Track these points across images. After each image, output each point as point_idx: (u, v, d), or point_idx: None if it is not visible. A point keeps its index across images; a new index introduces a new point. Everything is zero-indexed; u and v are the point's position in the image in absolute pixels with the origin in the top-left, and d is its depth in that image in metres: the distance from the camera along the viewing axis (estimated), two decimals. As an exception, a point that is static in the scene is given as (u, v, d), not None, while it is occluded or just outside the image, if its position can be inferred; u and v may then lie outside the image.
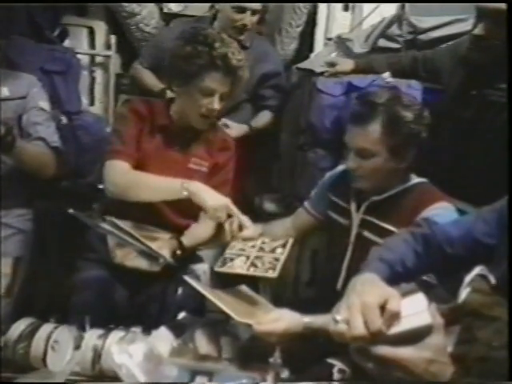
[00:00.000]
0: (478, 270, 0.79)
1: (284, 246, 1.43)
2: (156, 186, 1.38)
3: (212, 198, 1.28)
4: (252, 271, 1.26)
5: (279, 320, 1.14)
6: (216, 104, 1.42)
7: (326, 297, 1.33)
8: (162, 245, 1.44)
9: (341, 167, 1.56)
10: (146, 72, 2.19)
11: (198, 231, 1.52)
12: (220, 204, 1.27)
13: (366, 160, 1.32)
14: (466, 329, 0.75)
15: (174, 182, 1.35)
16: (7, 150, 1.44)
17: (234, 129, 2.05)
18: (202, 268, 1.52)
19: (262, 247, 1.35)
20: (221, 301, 1.19)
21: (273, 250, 1.37)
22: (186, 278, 1.30)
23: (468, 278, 0.78)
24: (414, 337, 0.72)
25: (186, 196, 1.30)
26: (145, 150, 1.47)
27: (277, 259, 1.31)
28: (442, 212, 1.29)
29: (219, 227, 1.37)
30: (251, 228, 1.25)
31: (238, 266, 1.29)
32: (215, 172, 1.54)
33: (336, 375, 0.81)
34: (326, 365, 1.24)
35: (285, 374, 1.20)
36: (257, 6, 2.05)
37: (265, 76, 2.16)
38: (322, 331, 1.16)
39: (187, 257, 1.50)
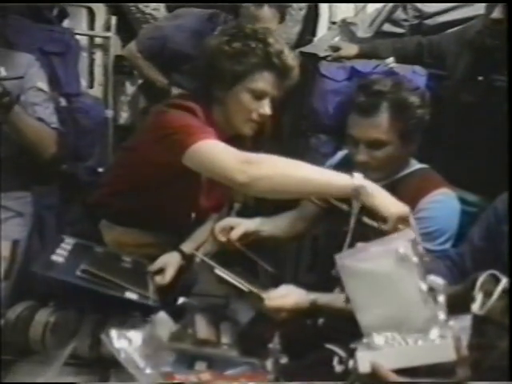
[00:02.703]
0: (487, 273, 0.78)
1: None
2: (314, 178, 1.09)
3: (394, 205, 1.04)
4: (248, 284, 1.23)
5: (288, 295, 1.18)
6: (267, 108, 1.27)
7: (325, 282, 1.33)
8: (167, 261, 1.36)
9: (340, 153, 1.54)
10: (144, 62, 2.16)
11: (198, 235, 1.44)
12: (403, 212, 1.03)
13: (378, 150, 1.29)
14: (481, 334, 0.75)
15: (338, 174, 1.10)
16: (4, 111, 1.40)
17: None
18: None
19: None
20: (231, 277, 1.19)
21: None
22: (196, 252, 1.27)
23: (479, 281, 0.77)
24: (437, 371, 0.73)
25: (355, 195, 1.04)
26: None
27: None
28: (443, 198, 1.28)
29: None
30: None
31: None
32: None
33: (337, 367, 0.81)
34: (324, 350, 1.24)
35: (284, 359, 1.20)
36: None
37: None
38: (326, 308, 1.18)
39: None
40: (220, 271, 1.21)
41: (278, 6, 1.95)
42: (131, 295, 1.14)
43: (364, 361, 0.77)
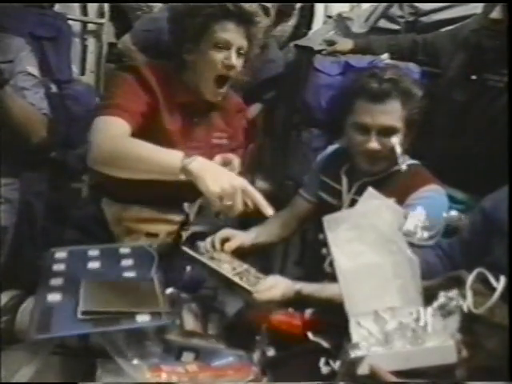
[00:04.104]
0: (476, 272, 0.79)
1: None
2: (149, 160, 1.08)
3: (215, 183, 0.98)
4: (237, 279, 1.23)
5: (275, 286, 1.18)
6: (233, 59, 1.25)
7: (312, 275, 1.35)
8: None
9: (332, 147, 1.55)
10: (139, 54, 2.13)
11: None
12: (226, 189, 0.97)
13: (389, 138, 1.30)
14: (470, 333, 0.76)
15: (172, 157, 1.05)
16: None
17: None
18: (203, 245, 1.40)
19: (247, 269, 1.31)
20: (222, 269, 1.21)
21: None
22: (185, 248, 1.25)
23: (469, 280, 0.78)
24: (435, 372, 0.74)
25: (186, 176, 1.02)
26: (167, 131, 1.28)
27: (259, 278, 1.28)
28: (433, 195, 1.30)
29: None
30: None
31: (225, 268, 1.27)
32: (235, 139, 1.43)
33: (324, 368, 0.81)
34: (310, 342, 1.26)
35: (271, 351, 1.21)
36: None
37: (267, 80, 2.11)
38: (311, 298, 1.20)
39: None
40: (209, 264, 1.22)
41: None
42: (143, 318, 1.01)
43: (363, 362, 0.76)
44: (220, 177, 1.00)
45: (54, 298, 1.04)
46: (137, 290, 1.09)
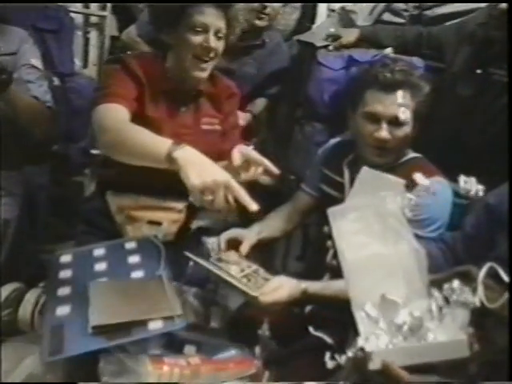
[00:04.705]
0: (487, 266, 0.78)
1: None
2: (141, 146, 1.07)
3: (199, 176, 0.96)
4: (244, 282, 1.19)
5: (280, 288, 1.17)
6: (211, 41, 1.27)
7: (314, 270, 1.34)
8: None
9: (333, 141, 1.54)
10: (143, 46, 2.12)
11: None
12: (207, 183, 0.95)
13: (398, 129, 1.31)
14: (481, 328, 0.75)
15: (160, 144, 1.04)
16: (1, 88, 1.38)
17: (241, 118, 2.01)
18: (211, 242, 1.41)
19: (256, 270, 1.30)
20: (224, 274, 1.19)
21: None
22: (187, 253, 1.24)
23: (481, 274, 0.76)
24: (446, 366, 0.73)
25: (172, 166, 1.01)
26: (152, 119, 1.28)
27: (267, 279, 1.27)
28: (438, 187, 1.29)
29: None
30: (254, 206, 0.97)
31: (233, 270, 1.26)
32: (226, 124, 1.42)
33: (329, 363, 0.80)
34: (311, 337, 1.26)
35: (272, 345, 1.21)
36: None
37: (273, 74, 2.10)
38: (317, 296, 1.19)
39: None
40: (215, 271, 1.20)
41: None
42: (155, 325, 0.98)
43: (375, 357, 0.75)
44: (204, 170, 0.97)
45: (63, 311, 1.01)
46: (146, 293, 1.06)
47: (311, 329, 1.29)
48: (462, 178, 1.22)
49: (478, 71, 1.56)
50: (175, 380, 0.96)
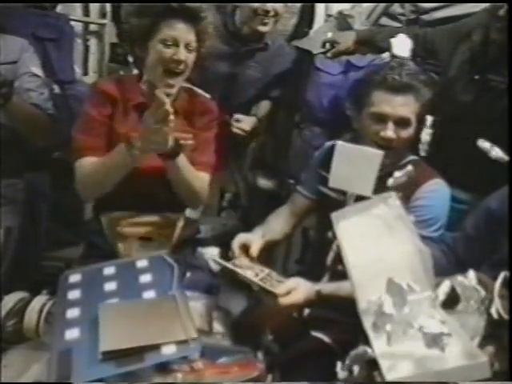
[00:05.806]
0: (503, 276, 0.77)
1: None
2: (108, 166, 1.30)
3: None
4: (261, 282, 1.22)
5: (296, 289, 1.19)
6: (182, 54, 1.31)
7: (314, 272, 1.35)
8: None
9: (328, 143, 1.55)
10: None
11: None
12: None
13: (404, 130, 1.34)
14: (496, 338, 0.75)
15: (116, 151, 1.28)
16: (3, 101, 1.39)
17: (245, 122, 2.01)
18: (210, 252, 1.43)
19: (269, 273, 1.30)
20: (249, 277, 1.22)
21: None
22: (217, 259, 1.31)
23: (497, 285, 0.76)
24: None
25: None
26: (123, 134, 1.32)
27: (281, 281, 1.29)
28: (438, 188, 1.34)
29: None
30: None
31: (249, 274, 1.26)
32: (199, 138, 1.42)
33: (340, 373, 0.79)
34: (312, 338, 1.27)
35: (275, 349, 1.22)
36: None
37: (277, 77, 2.10)
38: (330, 298, 1.20)
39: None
40: (243, 275, 1.23)
41: None
42: (169, 350, 0.94)
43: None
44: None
45: (71, 334, 0.98)
46: (159, 315, 1.01)
47: (313, 331, 1.30)
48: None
49: (476, 77, 1.57)
50: (179, 385, 0.96)
